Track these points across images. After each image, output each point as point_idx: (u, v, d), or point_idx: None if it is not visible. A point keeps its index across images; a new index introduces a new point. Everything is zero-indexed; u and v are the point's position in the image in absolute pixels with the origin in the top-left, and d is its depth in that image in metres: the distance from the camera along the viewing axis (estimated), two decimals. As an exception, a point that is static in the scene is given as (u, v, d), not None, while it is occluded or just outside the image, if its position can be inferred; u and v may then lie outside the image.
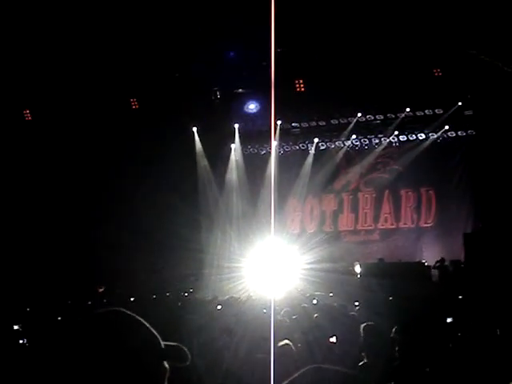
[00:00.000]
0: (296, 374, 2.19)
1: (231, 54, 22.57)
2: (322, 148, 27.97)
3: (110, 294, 21.31)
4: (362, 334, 6.93)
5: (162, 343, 2.07)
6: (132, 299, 18.61)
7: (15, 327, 10.04)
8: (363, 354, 6.57)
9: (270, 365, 4.81)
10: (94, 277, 22.36)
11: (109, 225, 22.20)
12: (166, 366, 2.04)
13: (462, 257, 22.49)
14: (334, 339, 8.68)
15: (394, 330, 6.87)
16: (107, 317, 2.09)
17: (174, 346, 2.09)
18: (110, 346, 1.97)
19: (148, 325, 2.09)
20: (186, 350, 2.10)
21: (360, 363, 6.43)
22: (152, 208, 23.55)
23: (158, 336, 2.08)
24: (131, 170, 23.16)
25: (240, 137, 27.87)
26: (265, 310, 12.11)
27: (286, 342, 6.56)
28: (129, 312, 2.11)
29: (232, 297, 18.70)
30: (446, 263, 22.82)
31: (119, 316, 2.09)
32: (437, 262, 23.14)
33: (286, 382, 2.18)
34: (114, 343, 1.98)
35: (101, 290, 22.34)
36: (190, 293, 21.54)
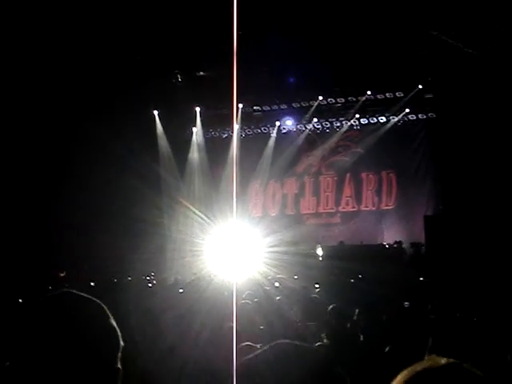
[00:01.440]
0: (259, 350, 2.19)
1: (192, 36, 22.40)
2: (283, 131, 28.02)
3: (71, 279, 21.15)
4: (327, 316, 6.96)
5: (113, 322, 2.06)
6: (92, 284, 18.48)
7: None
8: (323, 335, 6.60)
9: (232, 346, 4.79)
10: (55, 261, 22.17)
11: (70, 208, 21.99)
12: (120, 343, 2.05)
13: (422, 239, 22.66)
14: (297, 319, 8.72)
15: (356, 312, 6.91)
16: (58, 299, 2.08)
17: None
18: (61, 328, 1.96)
19: (99, 303, 2.08)
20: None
21: (317, 343, 6.45)
22: (114, 191, 23.38)
23: (110, 314, 2.07)
24: (92, 153, 22.94)
25: (201, 120, 27.79)
26: (226, 293, 12.09)
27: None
28: (79, 292, 2.10)
29: (194, 280, 18.70)
30: (404, 245, 23.04)
31: (70, 297, 2.09)
32: (395, 242, 23.38)
33: (250, 356, 2.17)
34: (66, 325, 1.97)
35: (62, 274, 22.17)
36: (151, 276, 21.46)
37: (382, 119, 26.51)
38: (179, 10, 19.90)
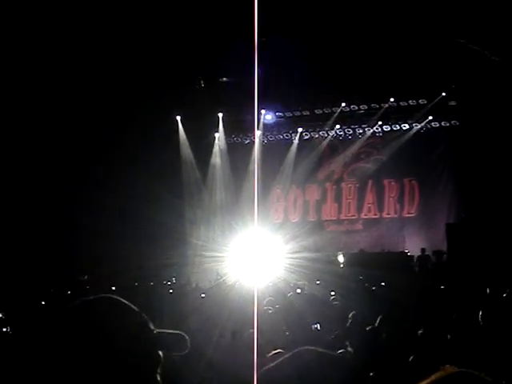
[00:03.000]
0: (281, 358, 2.18)
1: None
2: (305, 138, 27.98)
3: (93, 283, 21.21)
4: (348, 323, 6.93)
5: (155, 330, 2.01)
6: (114, 288, 18.53)
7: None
8: (347, 342, 6.57)
9: (254, 353, 4.79)
10: (77, 265, 22.27)
11: (92, 213, 22.08)
12: (160, 354, 1.98)
13: (444, 247, 22.53)
14: (317, 326, 8.69)
15: (378, 319, 6.88)
16: (97, 303, 2.03)
17: (170, 333, 2.04)
18: (99, 332, 1.91)
19: (139, 311, 2.04)
20: (185, 337, 2.05)
21: (340, 351, 6.42)
22: (136, 197, 23.44)
23: (150, 323, 2.02)
24: (116, 158, 23.01)
25: (224, 126, 27.81)
26: (247, 299, 12.07)
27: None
28: (119, 298, 2.05)
29: (215, 285, 18.72)
30: (428, 253, 22.89)
31: (109, 302, 2.03)
32: (420, 250, 23.22)
33: (273, 364, 2.16)
34: (104, 330, 1.92)
35: (84, 278, 22.26)
36: (172, 281, 21.49)
37: (405, 126, 26.40)
38: (203, 16, 19.96)
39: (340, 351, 6.32)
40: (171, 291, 17.65)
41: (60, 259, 21.99)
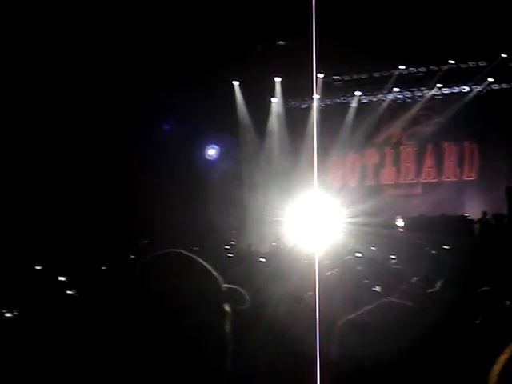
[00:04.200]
0: (366, 308, 2.21)
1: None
2: (363, 101, 27.78)
3: (152, 248, 21.41)
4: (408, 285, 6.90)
5: (223, 286, 2.07)
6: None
7: (61, 278, 10.03)
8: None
9: (316, 314, 4.81)
10: (138, 232, 22.52)
11: (150, 178, 22.28)
12: (228, 308, 2.04)
13: (505, 210, 22.26)
14: (378, 289, 8.67)
15: (440, 282, 6.84)
16: (171, 257, 2.09)
17: (233, 288, 2.09)
18: (172, 285, 1.98)
19: (209, 267, 2.08)
20: (243, 292, 2.10)
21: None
22: (194, 161, 23.58)
23: (220, 278, 2.07)
24: (173, 123, 23.12)
25: (281, 90, 27.75)
26: (306, 261, 12.10)
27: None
28: (189, 254, 2.10)
29: (274, 249, 18.77)
30: (488, 217, 22.62)
31: (181, 257, 2.10)
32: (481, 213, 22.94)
33: (356, 314, 2.20)
34: (177, 282, 1.99)
35: (144, 242, 22.50)
36: (232, 245, 21.63)
37: (464, 89, 26.08)
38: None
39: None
40: (231, 255, 17.72)
41: (118, 224, 22.22)
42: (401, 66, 25.94)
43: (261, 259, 14.49)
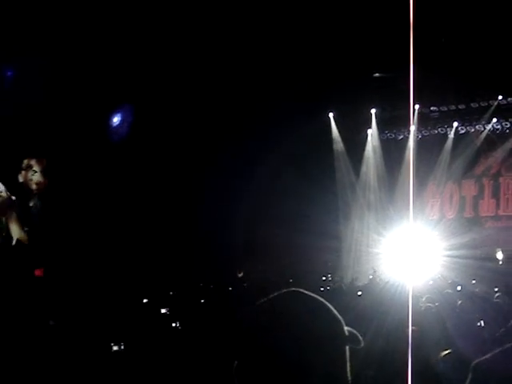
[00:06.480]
0: (496, 350, 2.18)
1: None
2: (461, 132, 27.37)
3: (248, 279, 21.47)
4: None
5: (345, 328, 2.02)
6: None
7: (162, 311, 10.16)
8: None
9: (408, 353, 4.78)
10: (233, 262, 22.65)
11: (243, 210, 22.43)
12: (348, 352, 1.99)
13: None
14: (482, 323, 8.52)
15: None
16: (286, 298, 2.03)
17: (351, 331, 2.04)
18: (291, 329, 1.91)
19: (331, 307, 2.05)
20: (356, 333, 2.06)
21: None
22: (290, 194, 23.64)
23: (342, 319, 2.02)
24: (269, 153, 23.18)
25: (377, 122, 27.67)
26: (402, 295, 11.94)
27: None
28: (310, 293, 2.06)
29: (370, 282, 18.64)
30: None
31: (300, 297, 2.04)
32: None
33: (489, 355, 2.17)
34: (297, 326, 1.92)
35: (240, 274, 22.64)
36: (328, 278, 21.56)
37: None
38: (357, 10, 19.94)
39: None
40: (328, 288, 17.68)
41: (214, 256, 22.31)
42: (499, 97, 25.49)
43: (358, 293, 14.42)
